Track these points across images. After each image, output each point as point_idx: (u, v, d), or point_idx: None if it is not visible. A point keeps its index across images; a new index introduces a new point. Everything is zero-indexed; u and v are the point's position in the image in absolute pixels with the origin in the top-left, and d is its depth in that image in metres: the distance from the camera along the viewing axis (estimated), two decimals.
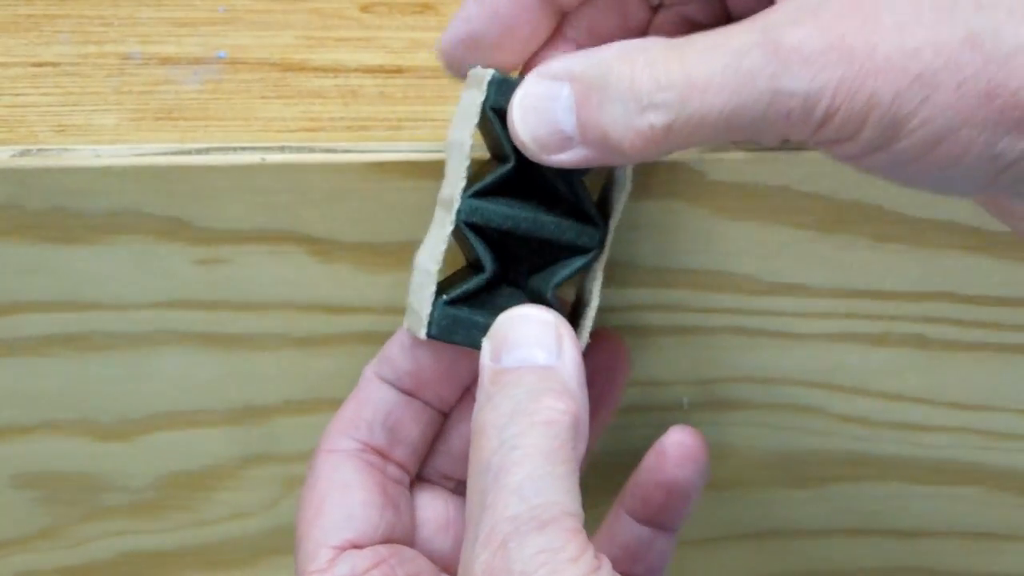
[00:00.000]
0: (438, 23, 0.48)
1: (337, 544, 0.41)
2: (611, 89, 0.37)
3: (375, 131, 0.47)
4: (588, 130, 0.38)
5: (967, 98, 0.35)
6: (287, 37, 0.48)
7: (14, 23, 0.47)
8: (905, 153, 0.36)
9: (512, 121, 0.39)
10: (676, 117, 0.36)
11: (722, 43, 0.36)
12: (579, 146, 0.39)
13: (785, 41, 0.35)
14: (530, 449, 0.36)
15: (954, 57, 0.35)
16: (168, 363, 0.48)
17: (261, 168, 0.44)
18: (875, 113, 0.35)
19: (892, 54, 0.35)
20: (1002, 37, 0.34)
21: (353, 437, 0.43)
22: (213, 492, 0.51)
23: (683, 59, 0.37)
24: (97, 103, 0.47)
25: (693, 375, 0.50)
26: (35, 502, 0.51)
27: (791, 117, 0.36)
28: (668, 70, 0.37)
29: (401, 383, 0.43)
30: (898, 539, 0.54)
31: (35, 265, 0.46)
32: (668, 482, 0.44)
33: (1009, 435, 0.52)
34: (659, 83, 0.37)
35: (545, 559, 0.35)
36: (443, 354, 0.43)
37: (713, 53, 0.36)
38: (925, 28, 0.35)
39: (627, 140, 0.37)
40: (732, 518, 0.53)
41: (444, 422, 0.44)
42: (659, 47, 0.37)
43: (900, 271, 0.47)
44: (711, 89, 0.36)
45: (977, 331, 0.49)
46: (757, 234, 0.46)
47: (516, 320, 0.39)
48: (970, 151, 0.35)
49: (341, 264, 0.46)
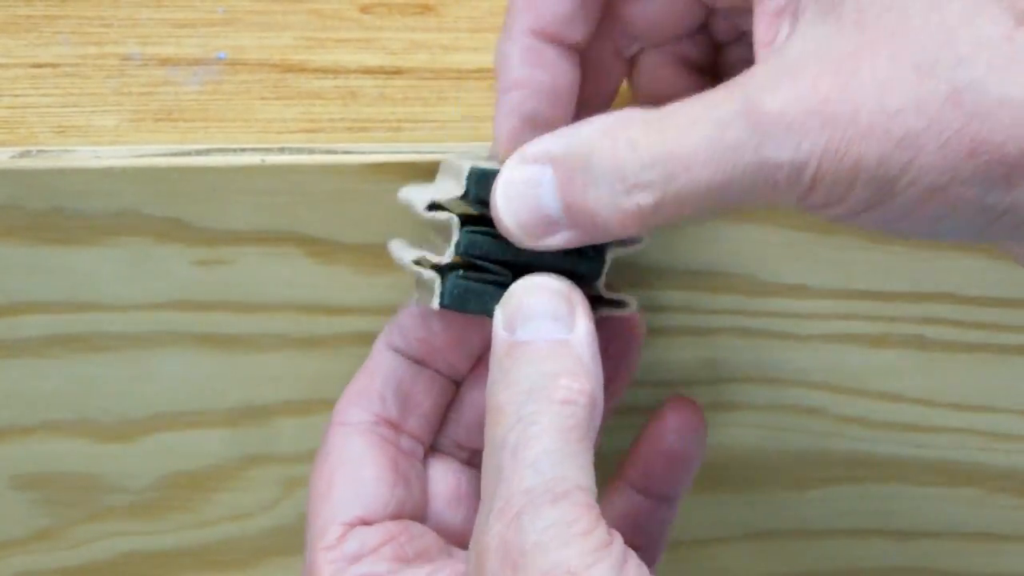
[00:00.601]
0: (438, 24, 0.48)
1: (347, 520, 0.41)
2: (595, 170, 0.37)
3: (375, 132, 0.47)
4: (575, 213, 0.38)
5: (952, 156, 0.34)
6: (287, 38, 0.48)
7: (14, 24, 0.47)
8: (895, 211, 0.35)
9: (496, 209, 0.39)
10: (663, 195, 0.36)
11: (703, 114, 0.36)
12: (566, 229, 0.38)
13: (767, 108, 0.35)
14: (547, 426, 0.36)
15: (936, 116, 0.34)
16: (168, 364, 0.48)
17: (261, 169, 0.44)
18: (862, 177, 0.35)
19: (875, 117, 0.34)
20: (984, 91, 0.34)
21: (365, 408, 0.43)
22: (213, 492, 0.51)
23: (664, 134, 0.36)
24: (97, 104, 0.47)
25: (693, 375, 0.50)
26: (35, 503, 0.51)
27: (778, 187, 0.35)
28: (650, 147, 0.36)
29: (412, 351, 0.43)
30: (898, 539, 0.54)
31: (35, 266, 0.45)
32: (668, 450, 0.44)
33: (1009, 436, 0.52)
34: (642, 162, 0.36)
35: (558, 532, 0.35)
36: (454, 321, 0.43)
37: (695, 126, 0.36)
38: (906, 87, 0.34)
39: (615, 220, 0.37)
40: (732, 518, 0.53)
41: (456, 391, 0.44)
42: (639, 123, 0.37)
43: (900, 272, 0.47)
44: (696, 165, 0.35)
45: (977, 332, 0.49)
46: (757, 234, 0.46)
47: (529, 288, 0.39)
48: (960, 205, 0.35)
49: (341, 265, 0.46)
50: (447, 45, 0.48)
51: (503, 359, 0.38)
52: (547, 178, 0.38)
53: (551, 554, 0.35)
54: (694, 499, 0.51)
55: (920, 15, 0.34)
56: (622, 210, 0.37)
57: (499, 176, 0.39)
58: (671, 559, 0.53)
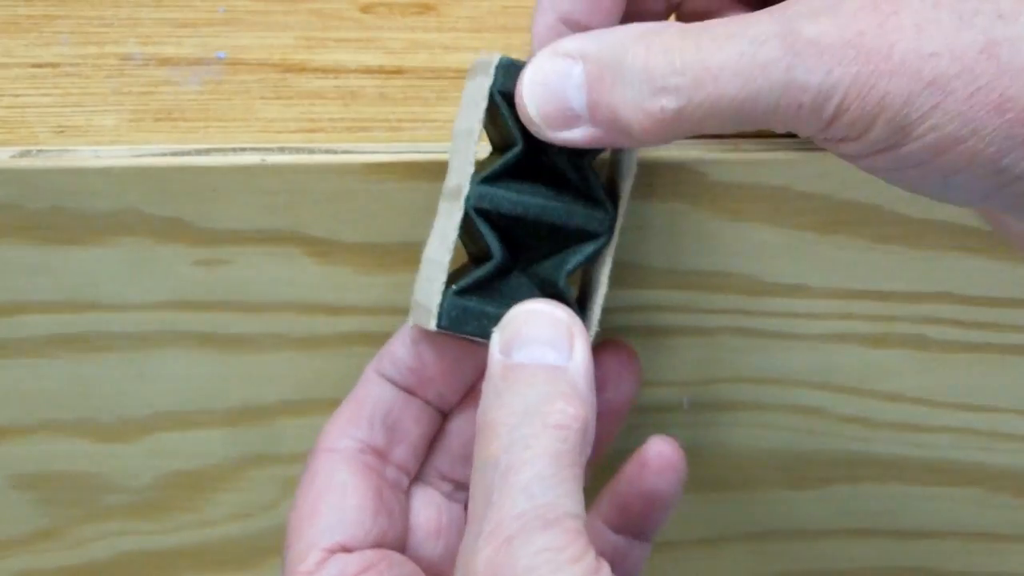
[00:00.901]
0: (438, 24, 0.48)
1: (327, 546, 0.41)
2: (624, 70, 0.37)
3: (375, 132, 0.47)
4: (598, 109, 0.38)
5: (978, 108, 0.34)
6: (287, 38, 0.48)
7: (14, 24, 0.47)
8: (910, 157, 0.36)
9: (520, 96, 0.39)
10: (688, 102, 0.36)
11: (740, 31, 0.36)
12: (587, 125, 0.38)
13: (804, 33, 0.35)
14: (540, 450, 0.36)
15: (970, 65, 0.34)
16: (168, 364, 0.48)
17: (261, 169, 0.44)
18: (885, 115, 0.35)
19: (908, 56, 0.35)
20: (1020, 49, 0.34)
21: (352, 436, 0.43)
22: (213, 492, 0.51)
23: (699, 44, 0.36)
24: (97, 104, 0.47)
25: (693, 375, 0.50)
26: (35, 502, 0.51)
27: (802, 111, 0.36)
28: (683, 54, 0.36)
29: (403, 380, 0.43)
30: (898, 539, 0.54)
31: (35, 265, 0.46)
32: (648, 492, 0.44)
33: (1009, 435, 0.52)
34: (673, 67, 0.36)
35: (548, 558, 0.35)
36: (447, 351, 0.43)
37: (730, 40, 0.36)
38: (944, 32, 0.35)
39: (637, 121, 0.37)
40: (732, 518, 0.53)
41: (444, 423, 0.44)
42: (675, 31, 0.37)
43: (900, 271, 0.47)
44: (724, 76, 0.36)
45: (977, 331, 0.49)
46: (757, 234, 0.46)
47: (529, 315, 0.39)
48: (975, 161, 0.35)
49: (341, 265, 0.46)
50: (447, 45, 0.48)
51: (498, 381, 0.38)
52: (576, 71, 0.38)
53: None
54: (693, 499, 0.51)
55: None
56: (645, 111, 0.37)
57: (529, 64, 0.39)
58: (671, 559, 0.53)
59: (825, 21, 0.35)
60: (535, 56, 0.39)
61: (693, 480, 0.50)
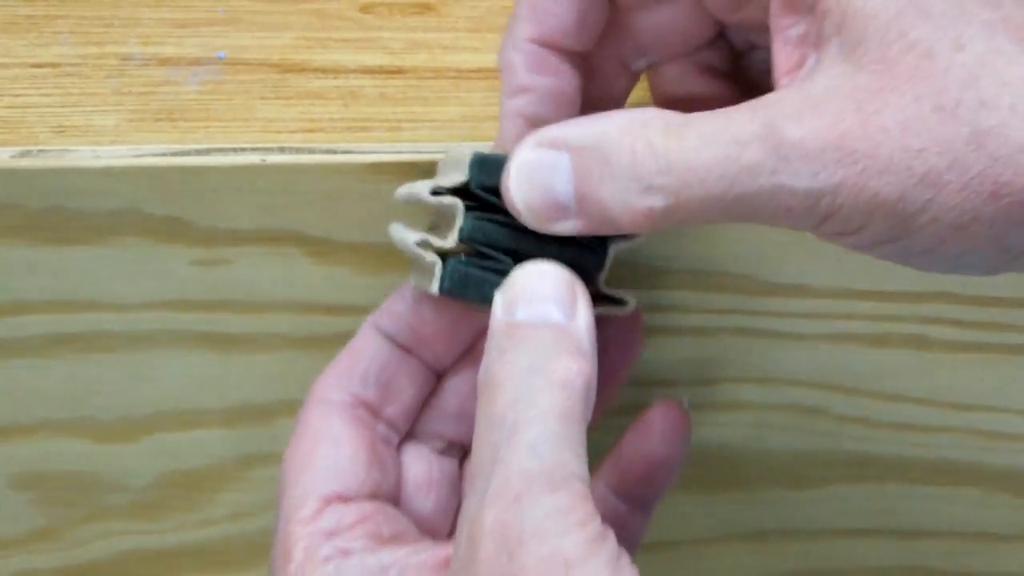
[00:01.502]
0: (438, 24, 0.48)
1: (324, 495, 0.41)
2: (611, 165, 0.37)
3: (375, 132, 0.47)
4: (587, 204, 0.38)
5: (974, 197, 0.34)
6: (287, 38, 0.48)
7: (14, 24, 0.47)
8: (915, 246, 0.36)
9: (507, 188, 0.39)
10: (676, 201, 0.36)
11: (723, 130, 0.36)
12: (576, 217, 0.38)
13: (787, 136, 0.35)
14: (546, 407, 0.36)
15: (959, 157, 0.34)
16: (167, 363, 0.48)
17: (261, 169, 0.44)
18: (880, 211, 0.35)
19: (896, 154, 0.35)
20: (1007, 135, 0.34)
21: (345, 389, 0.43)
22: (213, 492, 0.51)
23: (683, 143, 0.36)
24: (97, 104, 0.47)
25: (693, 375, 0.50)
26: (35, 502, 0.51)
27: (792, 212, 0.36)
28: (668, 154, 0.36)
29: (400, 337, 0.43)
30: (898, 539, 0.54)
31: (35, 265, 0.46)
32: (651, 454, 0.44)
33: (1009, 436, 0.52)
34: (659, 166, 0.36)
35: (556, 520, 0.35)
36: (446, 311, 0.43)
37: (714, 140, 0.36)
38: (928, 127, 0.34)
39: (625, 217, 0.37)
40: (732, 518, 0.53)
41: (436, 383, 0.44)
42: (659, 125, 0.37)
43: (901, 271, 0.47)
44: (711, 178, 0.36)
45: (977, 331, 0.49)
46: (757, 234, 0.46)
47: (532, 275, 0.39)
48: (979, 244, 0.35)
49: (340, 265, 0.46)
50: (447, 45, 0.48)
51: (502, 339, 0.38)
52: (563, 164, 0.38)
53: (549, 542, 0.35)
54: (693, 499, 0.51)
55: (943, 56, 0.35)
56: (633, 208, 0.37)
57: (514, 155, 0.39)
58: (670, 559, 0.53)
59: (809, 122, 0.35)
60: (519, 147, 0.39)
61: (693, 480, 0.50)
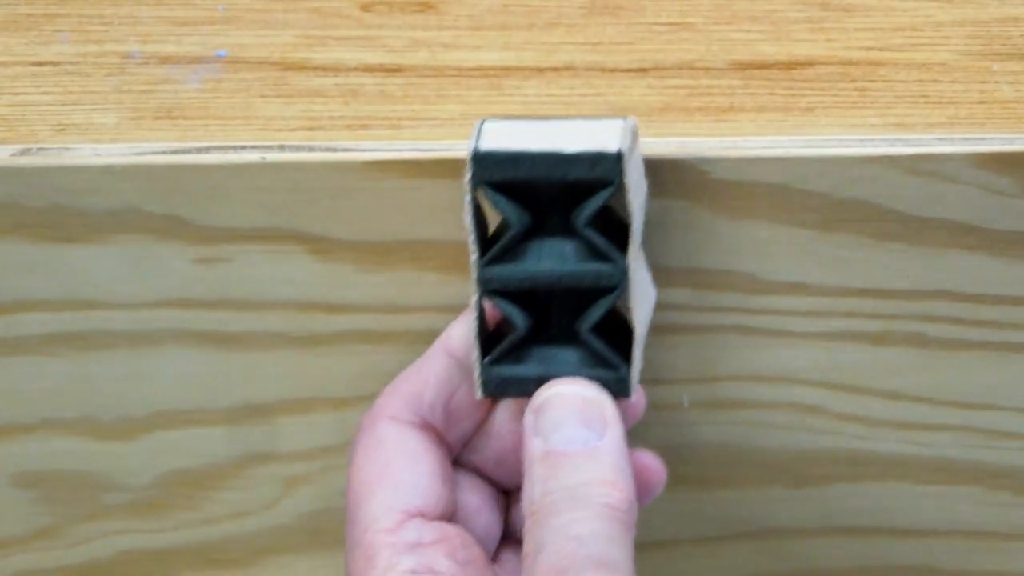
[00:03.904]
0: (438, 22, 0.48)
1: (406, 509, 0.41)
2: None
3: (375, 130, 0.47)
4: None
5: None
6: (287, 36, 0.48)
7: (14, 22, 0.47)
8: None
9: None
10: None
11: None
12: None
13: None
14: (591, 517, 0.38)
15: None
16: (168, 362, 0.48)
17: (261, 167, 0.44)
18: None
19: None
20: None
21: (415, 411, 0.43)
22: (213, 491, 0.51)
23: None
24: (97, 102, 0.47)
25: (693, 374, 0.50)
26: (35, 501, 0.51)
27: None
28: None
29: (467, 359, 0.43)
30: (898, 539, 0.54)
31: (35, 264, 0.46)
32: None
33: (1009, 434, 0.52)
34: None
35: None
36: None
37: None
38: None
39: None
40: (732, 518, 0.53)
41: (488, 412, 0.45)
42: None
43: (900, 270, 0.47)
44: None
45: (977, 330, 0.49)
46: (758, 232, 0.46)
47: (559, 399, 0.40)
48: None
49: (341, 263, 0.46)
50: (447, 43, 0.48)
51: (540, 469, 0.39)
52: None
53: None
54: (693, 498, 0.51)
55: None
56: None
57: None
58: (671, 558, 0.53)
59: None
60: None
61: (693, 479, 0.50)
